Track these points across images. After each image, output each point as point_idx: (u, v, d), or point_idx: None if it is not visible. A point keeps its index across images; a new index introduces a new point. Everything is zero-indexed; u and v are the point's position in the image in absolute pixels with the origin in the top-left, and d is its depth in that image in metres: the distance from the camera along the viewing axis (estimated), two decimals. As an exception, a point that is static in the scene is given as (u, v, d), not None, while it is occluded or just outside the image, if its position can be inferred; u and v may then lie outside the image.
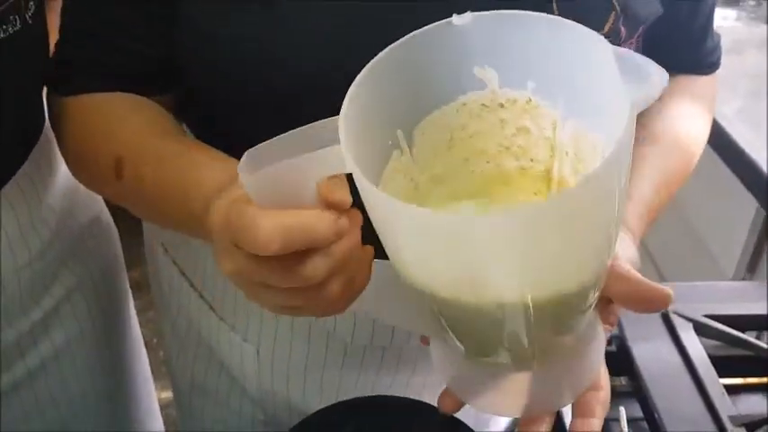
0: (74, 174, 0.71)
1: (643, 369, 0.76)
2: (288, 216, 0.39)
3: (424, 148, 0.46)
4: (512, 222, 0.36)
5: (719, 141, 1.14)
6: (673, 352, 0.79)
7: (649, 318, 0.83)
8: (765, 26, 1.63)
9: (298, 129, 0.40)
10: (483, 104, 0.46)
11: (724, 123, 1.15)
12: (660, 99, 0.71)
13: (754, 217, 1.08)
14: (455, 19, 0.42)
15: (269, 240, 0.38)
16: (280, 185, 0.39)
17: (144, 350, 0.98)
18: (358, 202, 0.41)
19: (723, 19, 1.69)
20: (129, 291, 0.94)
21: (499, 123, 0.46)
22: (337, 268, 0.41)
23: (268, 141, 0.40)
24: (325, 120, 0.40)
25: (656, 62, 0.69)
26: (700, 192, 1.26)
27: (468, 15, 0.42)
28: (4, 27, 0.61)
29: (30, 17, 0.63)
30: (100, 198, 0.88)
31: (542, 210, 0.37)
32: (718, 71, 0.77)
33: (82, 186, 0.82)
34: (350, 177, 0.40)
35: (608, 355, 0.81)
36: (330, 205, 0.40)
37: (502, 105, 0.46)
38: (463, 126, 0.46)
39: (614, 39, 0.58)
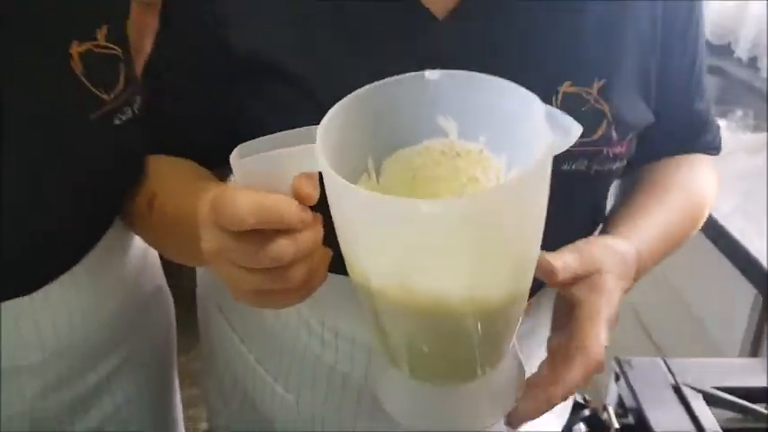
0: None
1: (660, 438, 0.83)
2: (262, 196, 0.45)
3: (389, 179, 0.52)
4: (445, 210, 0.43)
5: (718, 235, 1.25)
6: (686, 421, 0.86)
7: (663, 389, 0.90)
8: (752, 134, 1.78)
9: (285, 131, 0.47)
10: (442, 151, 0.52)
11: (720, 219, 1.26)
12: (667, 163, 0.78)
13: (753, 302, 1.17)
14: (427, 73, 0.50)
15: (246, 214, 0.45)
16: (261, 175, 0.46)
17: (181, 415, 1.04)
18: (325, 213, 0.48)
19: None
20: (176, 359, 1.01)
21: (454, 171, 0.53)
22: (300, 254, 0.47)
23: (259, 138, 0.47)
24: (308, 127, 0.46)
25: (666, 146, 0.76)
26: (700, 280, 1.36)
27: (438, 72, 0.50)
28: (119, 116, 0.72)
29: (137, 108, 0.74)
30: (161, 271, 0.97)
31: (476, 200, 0.45)
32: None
33: (148, 258, 0.91)
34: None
35: (626, 427, 0.88)
36: (299, 197, 0.46)
37: (458, 154, 0.53)
38: (425, 168, 0.53)
39: (606, 142, 0.66)
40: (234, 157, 0.47)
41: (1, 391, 0.76)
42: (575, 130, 0.45)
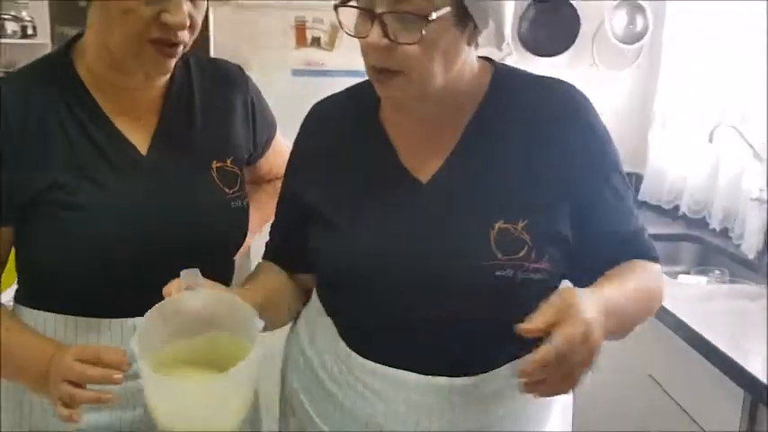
0: None
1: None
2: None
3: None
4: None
5: (711, 352, 1.52)
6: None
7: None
8: (728, 286, 2.10)
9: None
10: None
11: (710, 337, 1.54)
12: (625, 264, 1.03)
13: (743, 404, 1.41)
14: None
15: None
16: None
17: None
18: None
19: (696, 284, 2.17)
20: None
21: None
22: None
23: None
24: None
25: (611, 255, 1.05)
26: (696, 391, 1.59)
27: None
28: (234, 203, 1.14)
29: (245, 203, 1.17)
30: None
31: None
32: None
33: None
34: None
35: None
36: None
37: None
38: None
39: (526, 259, 0.93)
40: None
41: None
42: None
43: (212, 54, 2.82)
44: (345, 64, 2.57)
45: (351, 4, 0.92)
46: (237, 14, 2.82)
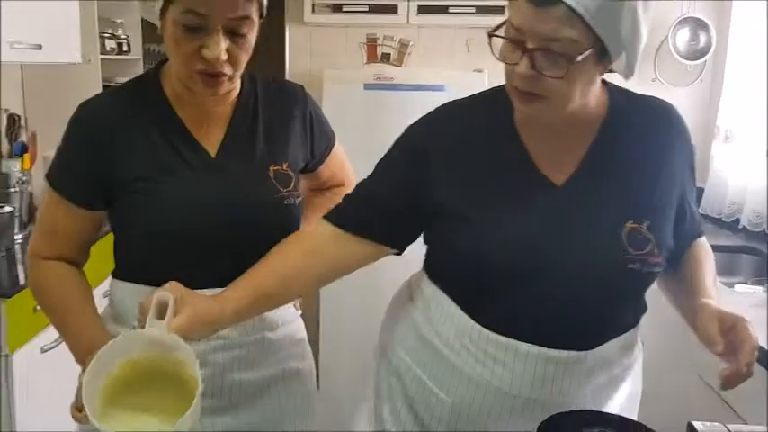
0: None
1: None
2: None
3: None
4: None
5: (763, 357, 1.57)
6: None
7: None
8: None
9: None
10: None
11: (763, 342, 1.59)
12: (696, 246, 1.28)
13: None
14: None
15: None
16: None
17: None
18: None
19: (752, 293, 2.20)
20: None
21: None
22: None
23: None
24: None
25: (689, 240, 1.28)
26: (746, 394, 1.64)
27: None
28: (287, 201, 1.30)
29: (297, 201, 1.31)
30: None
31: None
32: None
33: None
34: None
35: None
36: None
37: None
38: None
39: (650, 255, 1.09)
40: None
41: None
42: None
43: (287, 69, 3.01)
44: (412, 79, 2.72)
45: (501, 34, 1.04)
46: (312, 33, 3.00)
